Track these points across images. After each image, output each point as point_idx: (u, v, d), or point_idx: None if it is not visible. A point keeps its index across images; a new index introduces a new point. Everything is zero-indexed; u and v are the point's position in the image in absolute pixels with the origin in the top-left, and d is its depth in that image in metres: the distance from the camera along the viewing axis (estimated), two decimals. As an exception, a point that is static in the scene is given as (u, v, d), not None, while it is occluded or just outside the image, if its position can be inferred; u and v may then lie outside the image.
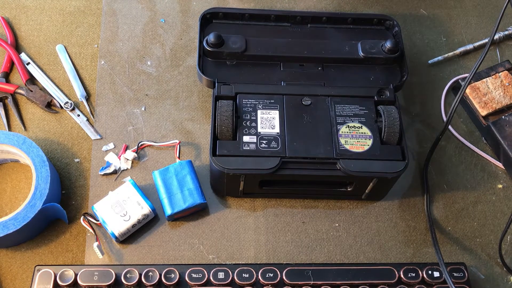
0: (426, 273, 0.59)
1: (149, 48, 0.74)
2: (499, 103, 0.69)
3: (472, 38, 0.78)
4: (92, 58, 0.73)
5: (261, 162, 0.58)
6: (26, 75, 0.70)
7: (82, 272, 0.57)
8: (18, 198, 0.64)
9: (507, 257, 0.64)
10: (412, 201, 0.67)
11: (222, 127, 0.60)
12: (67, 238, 0.62)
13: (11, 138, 0.62)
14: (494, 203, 0.67)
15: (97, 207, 0.61)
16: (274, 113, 0.62)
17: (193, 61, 0.73)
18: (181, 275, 0.58)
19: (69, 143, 0.67)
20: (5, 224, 0.57)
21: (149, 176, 0.66)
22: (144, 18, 0.76)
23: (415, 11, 0.81)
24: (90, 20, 0.76)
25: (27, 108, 0.69)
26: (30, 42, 0.73)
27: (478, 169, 0.69)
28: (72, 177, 0.65)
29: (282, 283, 0.58)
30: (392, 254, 0.63)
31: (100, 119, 0.69)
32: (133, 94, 0.71)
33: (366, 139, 0.61)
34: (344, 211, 0.66)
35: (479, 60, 0.61)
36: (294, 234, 0.64)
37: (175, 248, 0.62)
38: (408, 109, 0.73)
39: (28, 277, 0.60)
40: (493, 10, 0.81)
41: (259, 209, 0.65)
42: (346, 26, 0.71)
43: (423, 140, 0.71)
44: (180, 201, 0.62)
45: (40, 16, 0.75)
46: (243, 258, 0.62)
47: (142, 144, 0.67)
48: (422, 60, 0.76)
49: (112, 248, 0.62)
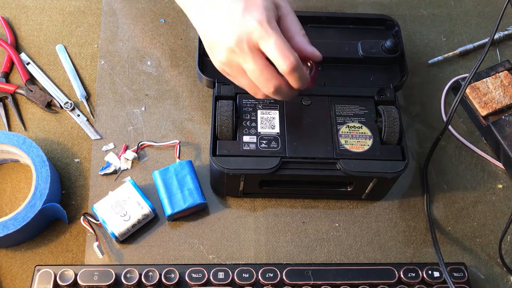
0: (426, 273, 0.59)
1: (149, 48, 0.74)
2: (499, 103, 0.69)
3: (472, 38, 0.78)
4: (92, 58, 0.73)
5: (261, 162, 0.58)
6: (26, 75, 0.70)
7: (82, 272, 0.57)
8: (18, 198, 0.64)
9: (507, 257, 0.64)
10: (412, 201, 0.67)
11: (222, 127, 0.60)
12: (67, 238, 0.62)
13: (11, 138, 0.62)
14: (494, 203, 0.67)
15: (97, 207, 0.61)
16: (274, 113, 0.62)
17: (193, 61, 0.73)
18: (181, 275, 0.58)
19: (69, 143, 0.67)
20: (5, 224, 0.57)
21: (149, 176, 0.66)
22: (144, 18, 0.76)
23: (415, 11, 0.81)
24: (90, 20, 0.76)
25: (27, 108, 0.69)
26: (30, 42, 0.73)
27: (478, 169, 0.69)
28: (72, 177, 0.65)
29: (282, 283, 0.58)
30: (392, 254, 0.63)
31: (100, 119, 0.69)
32: (133, 94, 0.71)
33: (366, 139, 0.61)
34: (344, 211, 0.66)
35: (479, 60, 0.61)
36: (294, 234, 0.64)
37: (175, 248, 0.62)
38: (408, 109, 0.73)
39: (28, 277, 0.60)
40: (493, 10, 0.81)
41: (259, 209, 0.65)
42: (346, 26, 0.71)
43: (423, 140, 0.71)
44: (180, 201, 0.62)
45: (40, 16, 0.75)
46: (243, 258, 0.62)
47: (142, 144, 0.67)
48: (422, 60, 0.76)
49: (112, 248, 0.62)
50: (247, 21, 0.52)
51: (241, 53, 0.52)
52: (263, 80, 0.53)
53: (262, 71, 0.53)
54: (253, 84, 0.55)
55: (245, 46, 0.52)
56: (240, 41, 0.52)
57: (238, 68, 0.54)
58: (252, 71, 0.53)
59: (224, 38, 0.52)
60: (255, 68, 0.52)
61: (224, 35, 0.52)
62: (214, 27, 0.54)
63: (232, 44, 0.52)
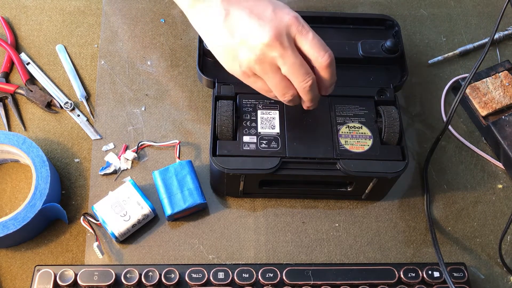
0: (426, 273, 0.59)
1: (149, 48, 0.74)
2: (499, 103, 0.69)
3: (472, 38, 0.78)
4: (92, 58, 0.73)
5: (261, 162, 0.58)
6: (26, 75, 0.70)
7: (82, 272, 0.57)
8: (18, 198, 0.64)
9: (507, 257, 0.64)
10: (412, 201, 0.67)
11: (222, 127, 0.60)
12: (67, 238, 0.62)
13: (11, 138, 0.62)
14: (494, 203, 0.67)
15: (97, 207, 0.61)
16: (274, 113, 0.62)
17: (193, 61, 0.73)
18: (181, 275, 0.58)
19: (69, 143, 0.67)
20: (5, 224, 0.57)
21: (149, 176, 0.66)
22: (144, 18, 0.76)
23: (415, 11, 0.81)
24: (90, 20, 0.76)
25: (27, 108, 0.69)
26: (30, 42, 0.73)
27: (478, 169, 0.69)
28: (72, 177, 0.65)
29: (282, 283, 0.58)
30: (392, 254, 0.63)
31: (100, 119, 0.69)
32: (133, 94, 0.71)
33: (366, 139, 0.61)
34: (344, 211, 0.66)
35: (479, 60, 0.61)
36: (294, 234, 0.64)
37: (175, 248, 0.62)
38: (408, 109, 0.73)
39: (28, 277, 0.60)
40: (493, 10, 0.81)
41: (259, 209, 0.65)
42: (346, 26, 0.71)
43: (423, 140, 0.71)
44: (180, 201, 0.62)
45: (40, 16, 0.75)
46: (243, 258, 0.62)
47: (142, 144, 0.67)
48: (422, 60, 0.76)
49: (112, 248, 0.62)
50: (282, 16, 0.52)
51: (280, 48, 0.51)
52: (302, 74, 0.53)
53: (302, 65, 0.52)
54: (283, 82, 0.54)
55: (285, 40, 0.51)
56: (280, 35, 0.51)
57: (272, 65, 0.53)
58: (291, 65, 0.52)
59: (259, 34, 0.51)
60: (295, 61, 0.52)
61: (260, 31, 0.51)
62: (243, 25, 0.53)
63: (269, 39, 0.51)
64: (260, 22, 0.52)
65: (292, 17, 0.52)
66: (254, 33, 0.52)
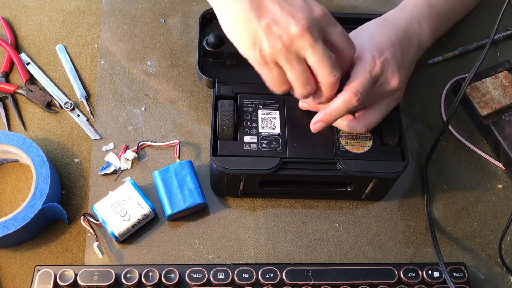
0: (426, 273, 0.59)
1: (149, 48, 0.74)
2: (499, 103, 0.69)
3: (472, 38, 0.78)
4: (92, 58, 0.73)
5: (261, 162, 0.58)
6: (26, 75, 0.70)
7: (82, 272, 0.57)
8: (18, 198, 0.64)
9: (507, 257, 0.64)
10: (412, 201, 0.67)
11: (223, 127, 0.60)
12: (67, 238, 0.62)
13: (11, 138, 0.62)
14: (494, 203, 0.67)
15: (97, 207, 0.61)
16: (275, 113, 0.62)
17: (193, 61, 0.73)
18: (181, 275, 0.58)
19: (69, 143, 0.67)
20: (5, 224, 0.57)
21: (149, 176, 0.66)
22: (144, 18, 0.76)
23: (415, 11, 0.80)
24: (90, 20, 0.76)
25: (27, 108, 0.69)
26: (30, 42, 0.73)
27: (478, 169, 0.69)
28: (72, 177, 0.65)
29: (282, 283, 0.58)
30: (392, 254, 0.63)
31: (100, 119, 0.69)
32: (133, 94, 0.71)
33: (366, 140, 0.61)
34: (344, 211, 0.66)
35: (479, 60, 0.61)
36: (294, 234, 0.64)
37: (175, 248, 0.62)
38: (408, 109, 0.73)
39: (28, 277, 0.60)
40: (493, 10, 0.81)
41: (259, 209, 0.65)
42: (346, 26, 0.70)
43: (423, 140, 0.71)
44: (180, 201, 0.62)
45: (40, 16, 0.75)
46: (243, 258, 0.62)
47: (142, 144, 0.67)
48: (422, 60, 0.76)
49: (112, 248, 0.62)
50: (313, 9, 0.52)
51: (311, 39, 0.51)
52: (329, 66, 0.52)
53: (330, 58, 0.52)
54: (306, 73, 0.53)
55: (316, 31, 0.51)
56: (312, 26, 0.51)
57: (298, 55, 0.52)
58: (321, 57, 0.51)
59: (290, 23, 0.50)
60: (324, 53, 0.51)
61: (291, 19, 0.51)
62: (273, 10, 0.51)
63: (301, 29, 0.50)
64: (290, 9, 0.51)
65: (322, 8, 0.53)
66: (284, 20, 0.51)
